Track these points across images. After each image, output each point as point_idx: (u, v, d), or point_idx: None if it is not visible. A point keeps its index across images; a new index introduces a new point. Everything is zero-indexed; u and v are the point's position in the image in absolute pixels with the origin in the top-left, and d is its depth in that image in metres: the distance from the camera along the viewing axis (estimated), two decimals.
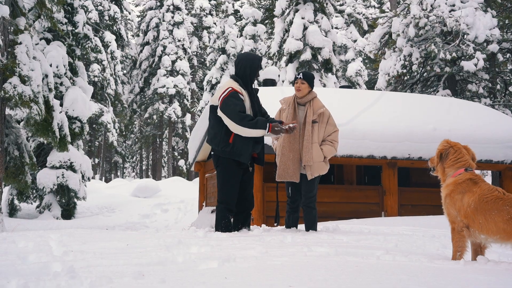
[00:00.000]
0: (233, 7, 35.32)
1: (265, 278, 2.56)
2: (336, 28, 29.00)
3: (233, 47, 29.93)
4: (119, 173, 55.98)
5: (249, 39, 30.60)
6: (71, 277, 2.45)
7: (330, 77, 21.59)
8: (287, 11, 21.19)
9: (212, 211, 11.22)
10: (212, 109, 5.12)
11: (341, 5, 30.33)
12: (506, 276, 2.83)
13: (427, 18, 17.78)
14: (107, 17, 31.05)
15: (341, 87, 15.87)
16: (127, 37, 35.57)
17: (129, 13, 37.68)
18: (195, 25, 41.05)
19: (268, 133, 4.92)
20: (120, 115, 36.00)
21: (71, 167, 16.64)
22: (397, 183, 10.63)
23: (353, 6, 30.56)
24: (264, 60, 28.90)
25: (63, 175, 16.32)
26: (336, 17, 29.31)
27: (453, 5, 17.77)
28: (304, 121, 5.35)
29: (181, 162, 40.47)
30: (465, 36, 17.25)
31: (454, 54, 17.23)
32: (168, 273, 2.66)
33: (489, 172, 21.03)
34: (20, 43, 10.25)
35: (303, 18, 20.50)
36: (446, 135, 10.04)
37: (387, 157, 10.32)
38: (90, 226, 13.37)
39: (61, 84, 16.23)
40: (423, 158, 10.26)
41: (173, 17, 38.02)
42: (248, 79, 5.17)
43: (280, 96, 6.59)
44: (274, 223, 5.70)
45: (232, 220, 5.15)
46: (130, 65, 41.55)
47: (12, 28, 10.41)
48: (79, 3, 18.35)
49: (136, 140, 44.68)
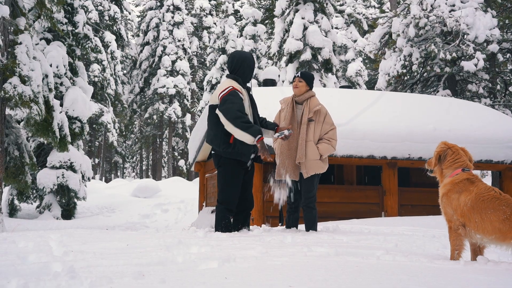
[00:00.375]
0: (233, 7, 35.32)
1: (265, 278, 2.56)
2: (336, 28, 29.01)
3: (233, 47, 29.93)
4: (119, 173, 55.98)
5: (249, 39, 30.61)
6: (71, 277, 2.45)
7: (330, 77, 21.59)
8: (287, 11, 21.19)
9: (212, 211, 11.22)
10: (211, 109, 5.11)
11: (341, 5, 30.33)
12: (506, 276, 2.83)
13: (427, 18, 17.78)
14: (107, 17, 31.03)
15: (341, 87, 15.87)
16: (127, 37, 35.56)
17: (129, 13, 37.66)
18: (195, 25, 41.07)
19: (255, 143, 4.81)
20: (120, 115, 35.99)
21: (71, 167, 16.64)
22: (397, 183, 10.63)
23: (353, 6, 30.57)
24: (264, 60, 28.91)
25: (63, 175, 16.33)
26: (336, 17, 29.31)
27: (453, 5, 17.77)
28: (301, 119, 5.37)
29: (181, 162, 40.48)
30: (465, 36, 17.25)
31: (454, 54, 17.23)
32: (168, 273, 2.66)
33: (489, 172, 21.04)
34: (20, 43, 10.25)
35: (303, 18, 20.50)
36: (446, 135, 10.05)
37: (387, 157, 10.31)
38: (90, 226, 13.36)
39: (61, 84, 16.23)
40: (423, 158, 10.25)
41: (173, 17, 38.03)
42: (247, 78, 5.20)
43: (280, 96, 6.60)
44: (279, 223, 5.70)
45: (232, 220, 5.16)
46: (130, 65, 41.56)
47: (12, 28, 10.40)
48: (79, 3, 18.34)
49: (136, 140, 44.67)
